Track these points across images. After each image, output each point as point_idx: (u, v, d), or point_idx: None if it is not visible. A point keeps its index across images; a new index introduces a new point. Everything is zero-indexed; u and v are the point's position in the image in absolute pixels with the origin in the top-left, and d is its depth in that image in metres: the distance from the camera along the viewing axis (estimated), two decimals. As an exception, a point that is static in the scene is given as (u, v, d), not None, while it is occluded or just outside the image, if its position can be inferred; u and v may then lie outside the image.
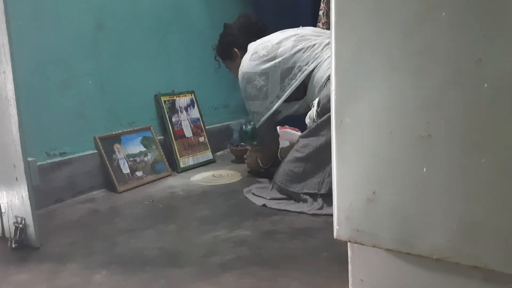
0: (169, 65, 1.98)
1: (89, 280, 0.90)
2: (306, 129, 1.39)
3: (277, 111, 1.49)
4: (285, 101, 1.46)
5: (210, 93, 2.25)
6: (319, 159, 1.31)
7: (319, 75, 1.37)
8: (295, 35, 1.45)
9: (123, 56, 1.72)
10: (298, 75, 1.39)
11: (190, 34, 2.10)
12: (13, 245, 1.06)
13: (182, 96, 2.03)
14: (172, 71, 2.00)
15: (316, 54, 1.40)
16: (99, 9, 1.60)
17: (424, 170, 0.57)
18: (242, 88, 1.50)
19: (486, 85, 0.51)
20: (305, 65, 1.39)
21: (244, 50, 1.58)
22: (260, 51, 1.46)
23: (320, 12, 1.89)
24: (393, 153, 0.59)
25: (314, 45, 1.41)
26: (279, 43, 1.44)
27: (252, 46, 1.52)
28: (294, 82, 1.40)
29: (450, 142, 0.55)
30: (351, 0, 0.59)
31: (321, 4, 1.89)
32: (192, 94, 2.09)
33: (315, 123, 1.33)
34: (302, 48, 1.41)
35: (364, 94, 0.60)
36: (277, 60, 1.41)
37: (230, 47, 1.65)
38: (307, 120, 1.39)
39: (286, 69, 1.40)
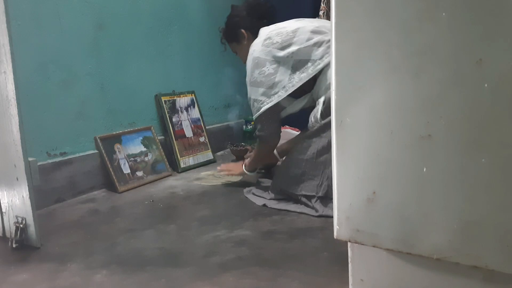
0: (169, 65, 1.98)
1: (89, 280, 0.90)
2: (307, 127, 1.37)
3: (281, 107, 1.41)
4: (292, 95, 1.38)
5: (210, 93, 2.25)
6: (319, 161, 1.30)
7: (331, 72, 1.32)
8: (311, 26, 1.39)
9: (124, 56, 1.72)
10: (311, 69, 1.33)
11: (190, 34, 2.10)
12: (14, 245, 1.06)
13: (183, 96, 2.03)
14: (172, 71, 2.00)
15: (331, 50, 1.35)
16: (99, 9, 1.60)
17: (424, 170, 0.57)
18: (249, 73, 1.41)
19: (486, 85, 0.51)
20: (319, 59, 1.33)
21: (251, 32, 1.53)
22: (274, 38, 1.38)
23: (321, 13, 1.89)
24: (393, 153, 0.59)
25: (330, 40, 1.37)
26: (294, 31, 1.36)
27: (265, 31, 1.43)
28: (304, 76, 1.33)
29: (450, 142, 0.55)
30: (351, 0, 0.59)
31: (321, 4, 1.89)
32: (193, 94, 2.09)
33: (318, 124, 1.32)
34: (317, 42, 1.34)
35: (364, 94, 0.60)
36: (290, 50, 1.33)
37: (237, 28, 1.56)
38: (311, 119, 1.36)
39: (298, 61, 1.33)
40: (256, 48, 1.40)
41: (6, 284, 0.91)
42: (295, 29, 1.37)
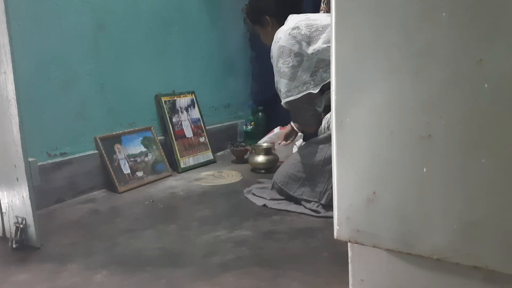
0: (169, 65, 1.98)
1: (89, 280, 0.90)
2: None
3: (308, 99, 1.34)
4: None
5: (210, 93, 2.25)
6: (325, 169, 1.28)
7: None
8: None
9: (124, 56, 1.72)
10: None
11: (190, 34, 2.10)
12: (14, 245, 1.06)
13: (183, 96, 2.03)
14: (172, 71, 2.00)
15: None
16: (99, 9, 1.60)
17: (424, 170, 0.57)
18: (274, 61, 1.38)
19: (486, 85, 0.51)
20: None
21: (276, 19, 1.48)
22: (302, 29, 1.32)
23: (321, 13, 1.89)
24: (393, 153, 0.59)
25: None
26: (325, 27, 1.32)
27: (294, 20, 1.38)
28: (326, 77, 1.28)
29: (450, 142, 0.55)
30: (351, 0, 0.59)
31: (321, 4, 1.89)
32: (193, 95, 2.09)
33: (328, 131, 1.29)
34: None
35: (364, 95, 0.60)
36: (316, 47, 1.30)
37: (261, 13, 1.51)
38: (323, 123, 1.34)
39: (323, 60, 1.30)
40: (282, 36, 1.35)
41: (6, 284, 0.91)
42: (325, 25, 1.33)
